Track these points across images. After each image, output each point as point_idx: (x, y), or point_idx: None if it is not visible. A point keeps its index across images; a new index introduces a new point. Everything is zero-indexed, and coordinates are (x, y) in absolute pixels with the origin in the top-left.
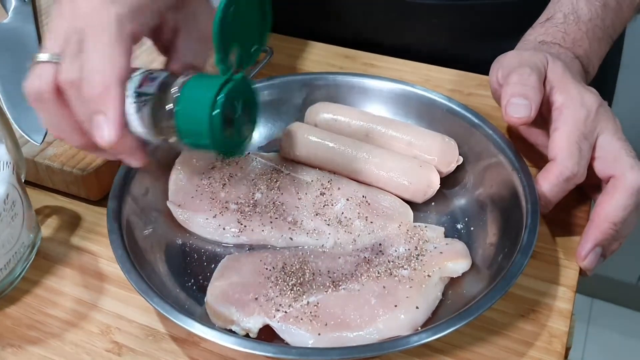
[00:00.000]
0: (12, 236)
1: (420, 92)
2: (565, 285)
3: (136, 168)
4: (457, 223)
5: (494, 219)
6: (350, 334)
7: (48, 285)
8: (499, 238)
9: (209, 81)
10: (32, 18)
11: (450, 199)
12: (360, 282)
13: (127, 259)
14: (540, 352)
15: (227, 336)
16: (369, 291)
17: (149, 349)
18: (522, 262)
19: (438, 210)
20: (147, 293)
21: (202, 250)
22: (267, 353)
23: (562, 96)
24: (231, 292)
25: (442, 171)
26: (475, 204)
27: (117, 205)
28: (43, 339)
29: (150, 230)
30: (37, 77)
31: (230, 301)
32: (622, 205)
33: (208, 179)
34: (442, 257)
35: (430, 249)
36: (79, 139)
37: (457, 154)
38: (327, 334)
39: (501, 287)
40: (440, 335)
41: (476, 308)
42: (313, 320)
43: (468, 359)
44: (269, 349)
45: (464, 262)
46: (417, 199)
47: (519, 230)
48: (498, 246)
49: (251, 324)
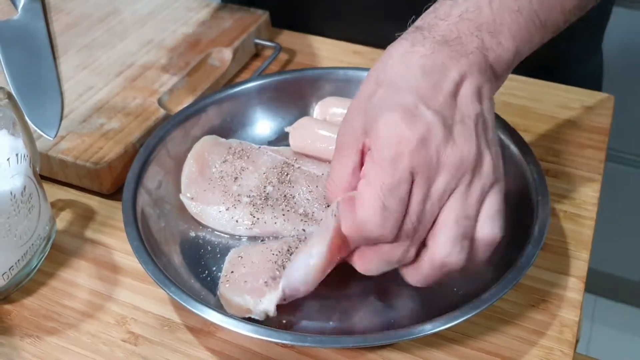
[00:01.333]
0: (29, 228)
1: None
2: (575, 275)
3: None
4: None
5: (505, 211)
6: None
7: (63, 277)
8: (510, 230)
9: None
10: (42, 14)
11: None
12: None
13: (143, 250)
14: (551, 341)
15: (243, 324)
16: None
17: (164, 339)
18: (533, 253)
19: None
20: (165, 283)
21: (216, 242)
22: (283, 340)
23: (373, 142)
24: (242, 282)
25: None
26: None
27: (131, 197)
28: (60, 330)
29: (164, 223)
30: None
31: (243, 291)
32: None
33: (220, 172)
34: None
35: None
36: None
37: None
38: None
39: (512, 277)
40: (452, 324)
41: (488, 298)
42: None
43: (480, 348)
44: (286, 336)
45: None
46: None
47: (529, 222)
48: (509, 238)
49: (265, 304)
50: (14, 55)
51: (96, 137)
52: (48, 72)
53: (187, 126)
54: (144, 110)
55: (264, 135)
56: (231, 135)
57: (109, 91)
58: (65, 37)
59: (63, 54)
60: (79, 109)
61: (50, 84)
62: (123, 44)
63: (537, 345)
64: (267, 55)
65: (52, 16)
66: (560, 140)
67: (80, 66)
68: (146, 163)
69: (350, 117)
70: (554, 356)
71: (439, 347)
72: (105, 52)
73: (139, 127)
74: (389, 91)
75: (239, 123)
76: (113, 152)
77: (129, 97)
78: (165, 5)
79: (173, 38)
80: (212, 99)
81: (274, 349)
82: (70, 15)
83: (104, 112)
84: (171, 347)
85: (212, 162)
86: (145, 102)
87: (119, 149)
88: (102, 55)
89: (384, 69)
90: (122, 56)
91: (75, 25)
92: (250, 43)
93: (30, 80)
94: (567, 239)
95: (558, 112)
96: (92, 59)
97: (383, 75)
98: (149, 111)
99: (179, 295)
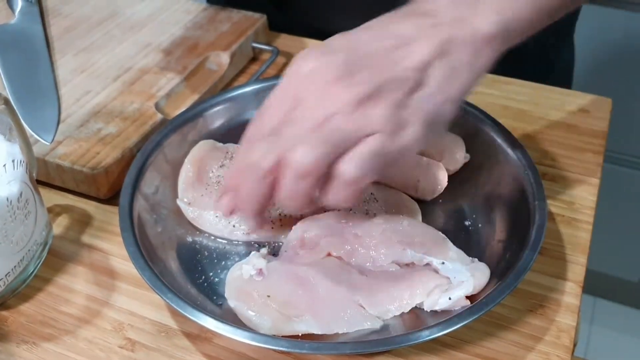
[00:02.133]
0: (25, 234)
1: None
2: (572, 280)
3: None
4: (465, 220)
5: (502, 216)
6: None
7: (60, 282)
8: (507, 235)
9: None
10: (39, 18)
11: (458, 196)
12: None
13: (140, 256)
14: (548, 346)
15: (240, 330)
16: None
17: (161, 345)
18: (530, 258)
19: (446, 208)
20: (161, 289)
21: (213, 247)
22: (280, 347)
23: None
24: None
25: (449, 169)
26: (483, 201)
27: (128, 203)
28: (57, 336)
29: (160, 228)
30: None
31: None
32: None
33: (217, 177)
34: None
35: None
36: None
37: (464, 151)
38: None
39: (511, 282)
40: (450, 329)
41: (486, 302)
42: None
43: (478, 354)
44: (282, 343)
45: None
46: (425, 196)
47: (527, 227)
48: (506, 243)
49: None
50: (11, 59)
51: (93, 142)
52: (45, 76)
53: (184, 131)
54: (141, 115)
55: None
56: (228, 140)
57: (106, 95)
58: (63, 41)
59: (61, 58)
60: (77, 113)
61: (48, 88)
62: (121, 47)
63: (534, 350)
64: (264, 58)
65: (50, 20)
66: (558, 143)
67: (78, 70)
68: (143, 168)
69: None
70: None
71: (436, 352)
72: (103, 55)
73: (136, 132)
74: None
75: (236, 127)
76: (110, 157)
77: (127, 102)
78: (163, 9)
79: (171, 42)
80: (209, 103)
81: (270, 355)
82: (67, 18)
83: (102, 117)
84: (168, 353)
85: (209, 166)
86: (143, 107)
87: (116, 154)
88: (100, 59)
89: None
90: (119, 60)
91: (73, 29)
92: (247, 47)
93: (27, 84)
94: (564, 243)
95: (555, 115)
96: (90, 63)
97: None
98: (146, 116)
99: (175, 302)
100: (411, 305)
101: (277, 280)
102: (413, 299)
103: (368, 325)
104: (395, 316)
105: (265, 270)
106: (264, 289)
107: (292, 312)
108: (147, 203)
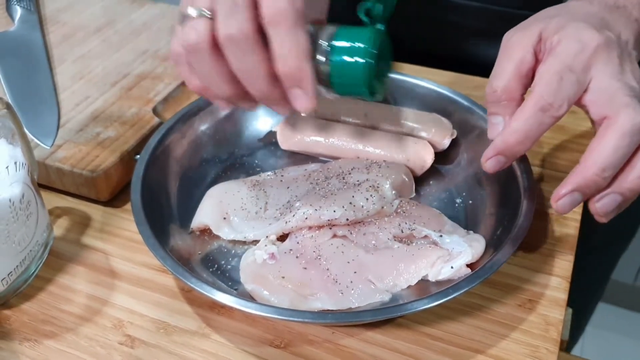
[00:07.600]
0: (27, 235)
1: (415, 81)
2: (559, 276)
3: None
4: (456, 198)
5: (492, 191)
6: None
7: (61, 282)
8: (498, 209)
9: (358, 32)
10: (38, 26)
11: (448, 176)
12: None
13: (159, 247)
14: (537, 339)
15: (248, 302)
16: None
17: (160, 341)
18: (524, 226)
19: (437, 188)
20: (183, 274)
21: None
22: (305, 319)
23: (558, 35)
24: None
25: (437, 146)
26: (473, 179)
27: (139, 198)
28: (58, 334)
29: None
30: (193, 30)
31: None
32: (612, 147)
33: None
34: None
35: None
36: (229, 89)
37: (450, 128)
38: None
39: (506, 251)
40: (459, 293)
41: (483, 272)
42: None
43: (468, 347)
44: (307, 315)
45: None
46: (414, 172)
47: (517, 197)
48: (498, 216)
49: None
50: (12, 66)
51: (92, 146)
52: (45, 82)
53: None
54: (139, 119)
55: (253, 132)
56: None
57: (104, 100)
58: (61, 48)
59: (59, 65)
60: (76, 118)
61: (47, 94)
62: (119, 54)
63: (523, 343)
64: None
65: (49, 27)
66: (546, 144)
67: (77, 76)
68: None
69: (527, 24)
70: (539, 354)
71: (428, 346)
72: (101, 62)
73: (135, 136)
74: (567, 17)
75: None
76: (109, 160)
77: (125, 106)
78: (160, 16)
79: (168, 48)
80: (205, 102)
81: (267, 351)
82: (66, 26)
83: (100, 121)
84: (167, 349)
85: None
86: (141, 111)
87: (115, 157)
88: (98, 66)
89: (558, 8)
90: (117, 66)
91: (71, 36)
92: None
93: (27, 90)
94: (552, 240)
95: None
96: (88, 70)
97: (559, 11)
98: (144, 120)
99: (199, 285)
100: (417, 277)
101: (289, 264)
102: (419, 272)
103: (379, 298)
104: (403, 289)
105: (277, 254)
106: (278, 272)
107: (306, 291)
108: (153, 197)
